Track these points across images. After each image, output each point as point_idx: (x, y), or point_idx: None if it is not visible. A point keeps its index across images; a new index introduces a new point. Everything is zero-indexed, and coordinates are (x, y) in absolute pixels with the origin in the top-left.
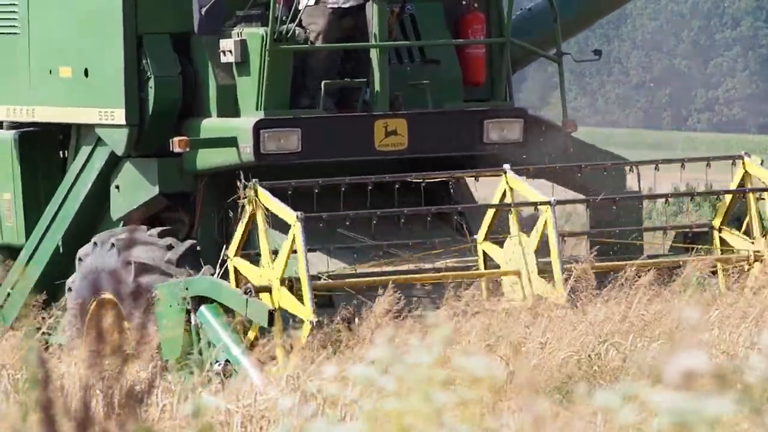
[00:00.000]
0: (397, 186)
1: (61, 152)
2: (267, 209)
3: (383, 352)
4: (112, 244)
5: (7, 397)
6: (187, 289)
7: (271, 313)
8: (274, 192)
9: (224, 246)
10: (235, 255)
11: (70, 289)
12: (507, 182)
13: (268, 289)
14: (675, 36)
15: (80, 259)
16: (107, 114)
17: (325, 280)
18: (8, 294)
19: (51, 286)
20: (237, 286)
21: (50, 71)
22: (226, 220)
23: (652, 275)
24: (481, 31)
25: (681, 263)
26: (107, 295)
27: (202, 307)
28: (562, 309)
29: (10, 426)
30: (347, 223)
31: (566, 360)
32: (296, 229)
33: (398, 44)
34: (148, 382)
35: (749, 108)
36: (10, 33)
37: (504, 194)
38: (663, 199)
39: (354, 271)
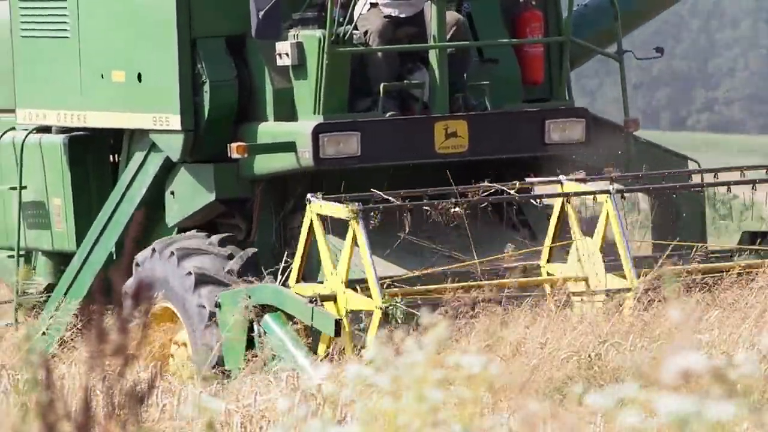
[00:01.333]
0: (455, 197)
1: (111, 156)
2: (323, 217)
3: (379, 352)
4: (172, 252)
5: (7, 398)
6: (249, 297)
7: (337, 323)
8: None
9: (284, 252)
10: (297, 282)
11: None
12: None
13: (333, 298)
14: (674, 37)
15: (138, 264)
16: (162, 119)
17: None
18: (59, 303)
19: (105, 293)
20: (300, 270)
21: (102, 75)
22: (283, 225)
23: (730, 280)
24: (540, 29)
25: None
26: (165, 304)
27: (266, 316)
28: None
29: (10, 426)
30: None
31: (566, 360)
32: (355, 224)
33: (456, 44)
34: (148, 383)
35: (749, 108)
36: (61, 37)
37: (563, 205)
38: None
39: (420, 276)
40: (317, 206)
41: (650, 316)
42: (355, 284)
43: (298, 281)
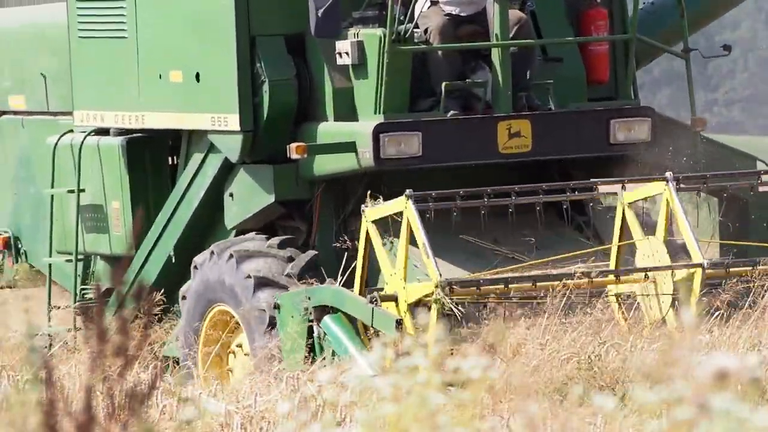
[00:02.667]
0: (513, 200)
1: (170, 159)
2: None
3: (380, 355)
4: (231, 255)
5: (7, 398)
6: (309, 298)
7: (398, 322)
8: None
9: (344, 254)
10: (359, 293)
11: (184, 298)
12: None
13: (393, 299)
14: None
15: (196, 267)
16: (220, 120)
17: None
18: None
19: (164, 295)
20: (362, 279)
21: (160, 76)
22: (344, 227)
23: None
24: (605, 27)
25: None
26: (223, 306)
27: (326, 318)
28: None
29: (10, 426)
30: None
31: (566, 361)
32: (408, 210)
33: (520, 43)
34: (149, 384)
35: (749, 110)
36: (118, 37)
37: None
38: None
39: (481, 278)
40: (372, 213)
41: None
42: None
43: (361, 293)
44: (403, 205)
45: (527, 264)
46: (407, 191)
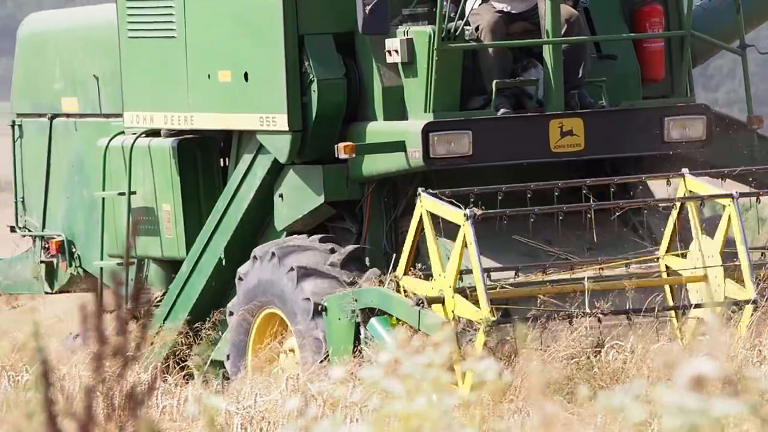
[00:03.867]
0: (557, 194)
1: (221, 160)
2: (434, 216)
3: (390, 354)
4: (273, 254)
5: (7, 398)
6: (356, 300)
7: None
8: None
9: (394, 255)
10: (404, 274)
11: (231, 314)
12: (686, 186)
13: (440, 300)
14: None
15: (240, 279)
16: (269, 120)
17: (502, 287)
18: (169, 311)
19: (214, 299)
20: (408, 264)
21: (209, 76)
22: (395, 228)
23: None
24: (660, 24)
25: None
26: (271, 309)
27: (373, 320)
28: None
29: (11, 426)
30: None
31: (566, 361)
32: (466, 228)
33: (573, 39)
34: (148, 384)
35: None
36: (167, 37)
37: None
38: None
39: (534, 279)
40: (429, 203)
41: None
42: (465, 291)
43: (406, 273)
44: (461, 220)
45: (578, 263)
46: (466, 212)
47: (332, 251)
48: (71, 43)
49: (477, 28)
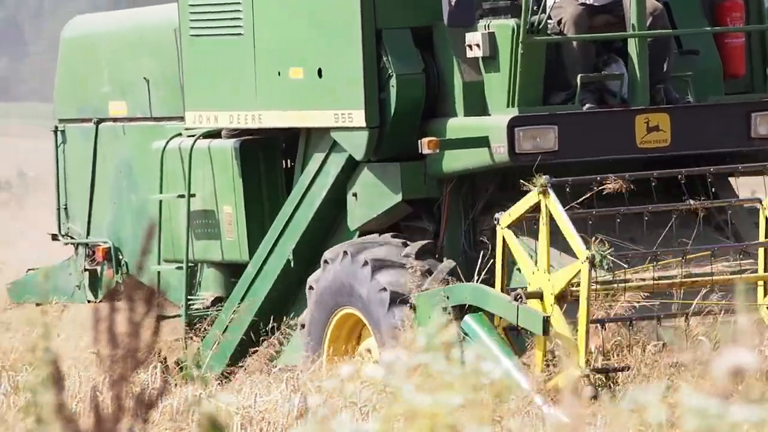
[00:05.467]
0: (653, 183)
1: (283, 161)
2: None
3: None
4: (345, 252)
5: (7, 399)
6: (447, 297)
7: (545, 320)
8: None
9: (473, 255)
10: (507, 226)
11: (311, 288)
12: None
13: (539, 295)
14: None
15: (311, 287)
16: (344, 116)
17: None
18: (233, 315)
19: (280, 302)
20: (502, 288)
21: (279, 73)
22: (473, 227)
23: None
24: (741, 19)
25: None
26: (353, 311)
27: (468, 317)
28: None
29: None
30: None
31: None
32: (584, 270)
33: (658, 33)
34: (159, 388)
35: None
36: (234, 35)
37: None
38: None
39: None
40: (506, 219)
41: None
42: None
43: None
44: (536, 197)
45: (665, 263)
46: (543, 178)
47: (405, 245)
48: (120, 46)
49: (559, 22)
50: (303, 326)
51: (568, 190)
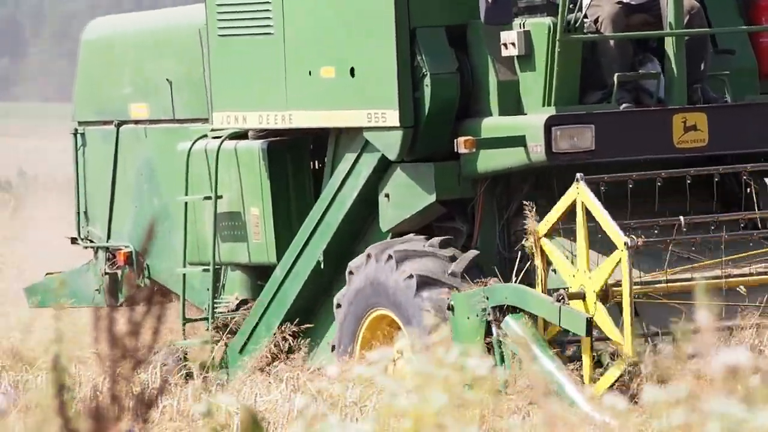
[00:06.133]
0: (689, 181)
1: (310, 163)
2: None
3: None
4: (390, 256)
5: (7, 399)
6: (487, 298)
7: (589, 322)
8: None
9: (506, 256)
10: (545, 235)
11: (339, 306)
12: None
13: (581, 296)
14: None
15: (351, 273)
16: (378, 116)
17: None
18: (260, 317)
19: (309, 305)
20: (543, 289)
21: (309, 72)
22: (507, 228)
23: None
24: None
25: None
26: (383, 311)
27: (508, 318)
28: None
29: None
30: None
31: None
32: (623, 258)
33: (694, 32)
34: (158, 387)
35: None
36: (264, 34)
37: None
38: None
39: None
40: (543, 228)
41: None
42: (606, 290)
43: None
44: (572, 197)
45: (703, 264)
46: (627, 240)
47: (452, 259)
48: (142, 48)
49: (596, 20)
50: (339, 305)
51: (603, 189)
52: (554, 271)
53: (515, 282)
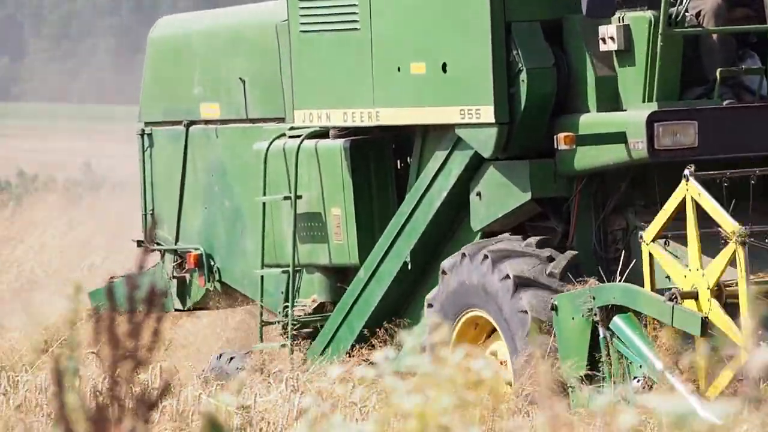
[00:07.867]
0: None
1: (392, 162)
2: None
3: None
4: (485, 256)
5: (7, 399)
6: (594, 298)
7: (704, 321)
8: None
9: (604, 256)
10: (653, 240)
11: (430, 305)
12: None
13: (694, 295)
14: None
15: (444, 272)
16: (471, 112)
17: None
18: (342, 319)
19: (394, 306)
20: (652, 286)
21: (398, 68)
22: (603, 227)
23: None
24: None
25: None
26: (477, 312)
27: (617, 318)
28: None
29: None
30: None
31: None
32: (739, 251)
33: None
34: (160, 389)
35: None
36: (350, 29)
37: None
38: None
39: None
40: (649, 234)
41: None
42: (720, 288)
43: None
44: (680, 195)
45: None
46: (686, 171)
47: (550, 259)
48: (213, 46)
49: (698, 14)
50: (430, 305)
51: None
52: (668, 278)
53: (620, 281)
